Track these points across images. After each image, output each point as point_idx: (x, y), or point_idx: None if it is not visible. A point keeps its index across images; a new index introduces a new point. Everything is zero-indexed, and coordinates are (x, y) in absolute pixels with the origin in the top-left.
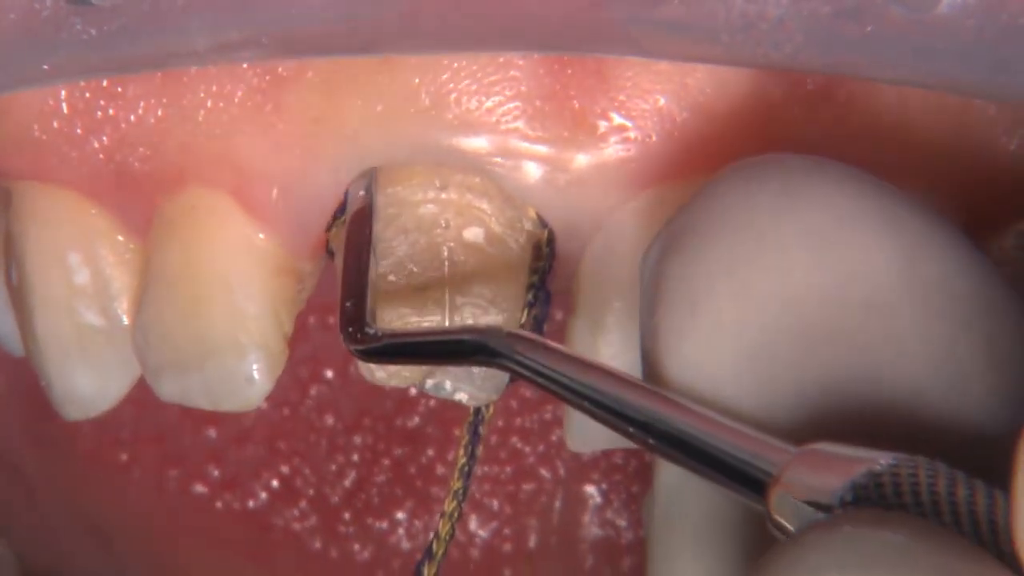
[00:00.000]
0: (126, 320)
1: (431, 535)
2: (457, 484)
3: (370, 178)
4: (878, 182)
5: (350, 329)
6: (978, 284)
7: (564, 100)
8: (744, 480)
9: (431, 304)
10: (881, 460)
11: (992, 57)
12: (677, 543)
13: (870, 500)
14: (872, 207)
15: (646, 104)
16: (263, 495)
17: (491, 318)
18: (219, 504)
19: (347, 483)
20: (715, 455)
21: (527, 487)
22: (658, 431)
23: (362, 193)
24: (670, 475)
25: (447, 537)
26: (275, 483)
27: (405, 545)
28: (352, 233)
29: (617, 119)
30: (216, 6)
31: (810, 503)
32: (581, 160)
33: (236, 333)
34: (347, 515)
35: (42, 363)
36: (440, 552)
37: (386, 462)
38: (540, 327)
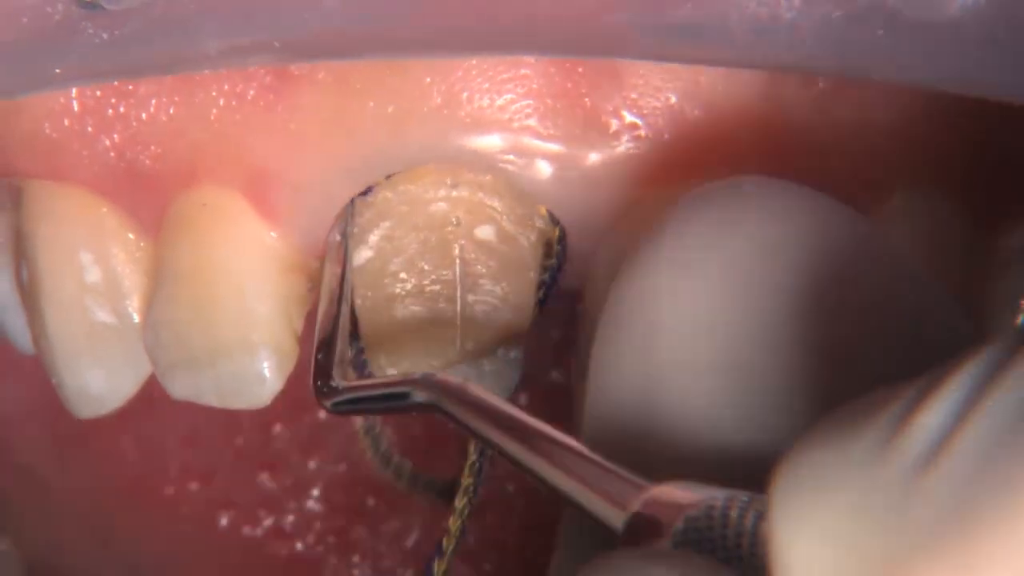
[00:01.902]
0: (137, 318)
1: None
2: (468, 480)
3: (345, 221)
4: (826, 207)
5: (318, 383)
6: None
7: (576, 98)
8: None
9: (442, 302)
10: (700, 500)
11: (1003, 60)
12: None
13: (694, 540)
14: (800, 242)
15: (657, 102)
16: (318, 548)
17: (503, 316)
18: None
19: (408, 543)
20: (582, 497)
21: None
22: (542, 479)
23: (338, 238)
24: None
25: (457, 533)
26: (331, 538)
27: None
28: (328, 281)
29: (629, 117)
30: (228, 11)
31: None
32: (593, 158)
33: (247, 331)
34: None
35: (53, 361)
36: (450, 548)
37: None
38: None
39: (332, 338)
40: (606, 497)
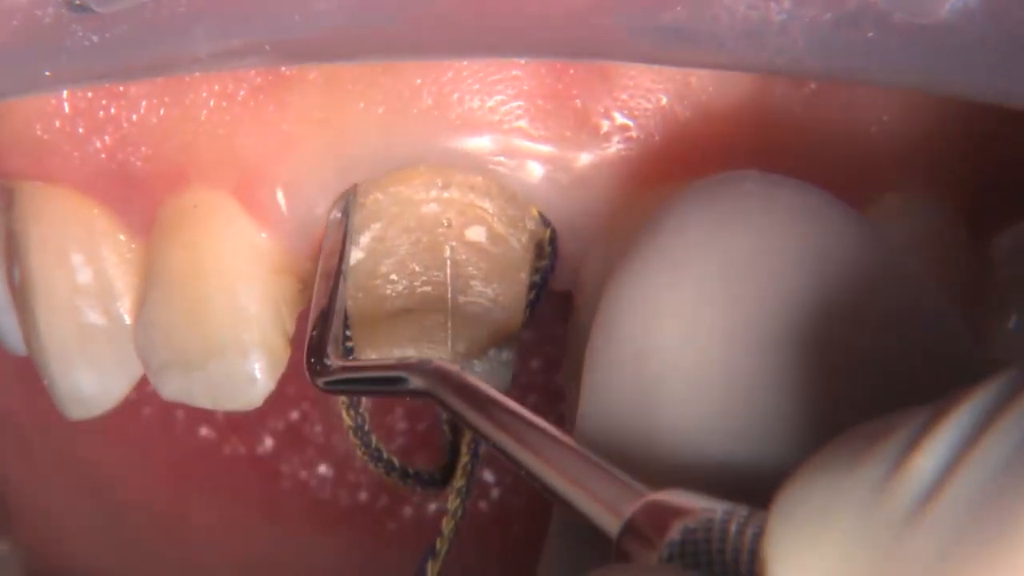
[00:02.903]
0: (128, 320)
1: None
2: (460, 482)
3: (347, 201)
4: (830, 209)
5: (312, 360)
6: (876, 333)
7: (566, 99)
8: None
9: (433, 303)
10: (698, 511)
11: (995, 63)
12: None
13: (690, 553)
14: (803, 248)
15: (648, 103)
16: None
17: (494, 317)
18: (226, 450)
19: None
20: (576, 498)
21: None
22: (535, 476)
23: (338, 215)
24: None
25: (450, 535)
26: (281, 427)
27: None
28: (326, 259)
29: (620, 118)
30: (219, 13)
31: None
32: (584, 159)
33: (238, 332)
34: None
35: (45, 363)
36: (443, 549)
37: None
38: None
39: (329, 314)
40: (601, 501)
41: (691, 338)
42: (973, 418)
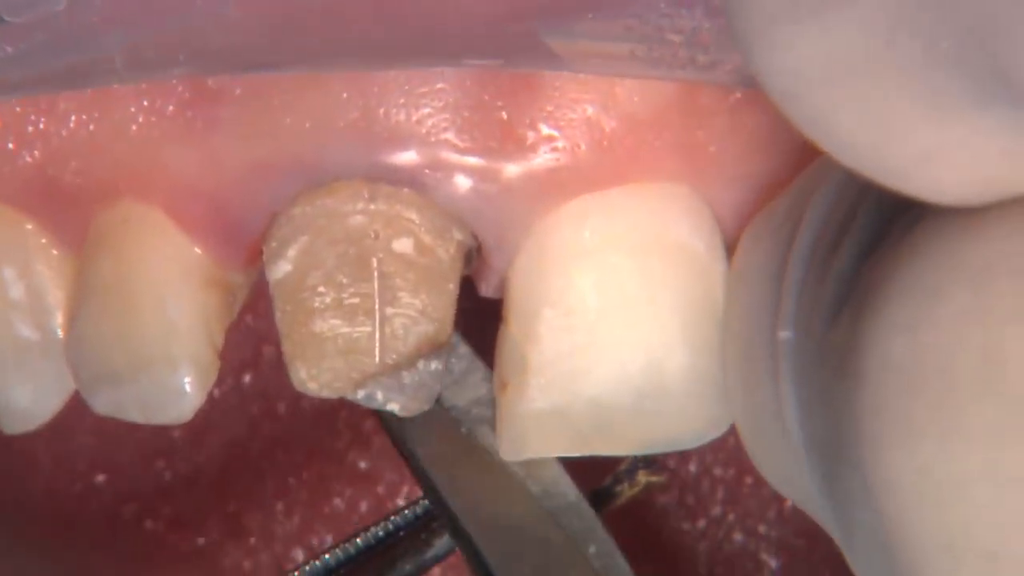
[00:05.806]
0: (61, 334)
1: None
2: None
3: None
4: None
5: None
6: None
7: (492, 111)
8: None
9: (361, 315)
10: None
11: None
12: None
13: None
14: None
15: (574, 114)
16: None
17: (422, 328)
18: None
19: (296, 520)
20: None
21: None
22: None
23: None
24: None
25: None
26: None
27: None
28: None
29: (545, 129)
30: (130, 22)
31: None
32: (511, 170)
33: (168, 346)
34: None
35: None
36: None
37: (337, 501)
38: None
39: None
40: None
41: None
42: None
